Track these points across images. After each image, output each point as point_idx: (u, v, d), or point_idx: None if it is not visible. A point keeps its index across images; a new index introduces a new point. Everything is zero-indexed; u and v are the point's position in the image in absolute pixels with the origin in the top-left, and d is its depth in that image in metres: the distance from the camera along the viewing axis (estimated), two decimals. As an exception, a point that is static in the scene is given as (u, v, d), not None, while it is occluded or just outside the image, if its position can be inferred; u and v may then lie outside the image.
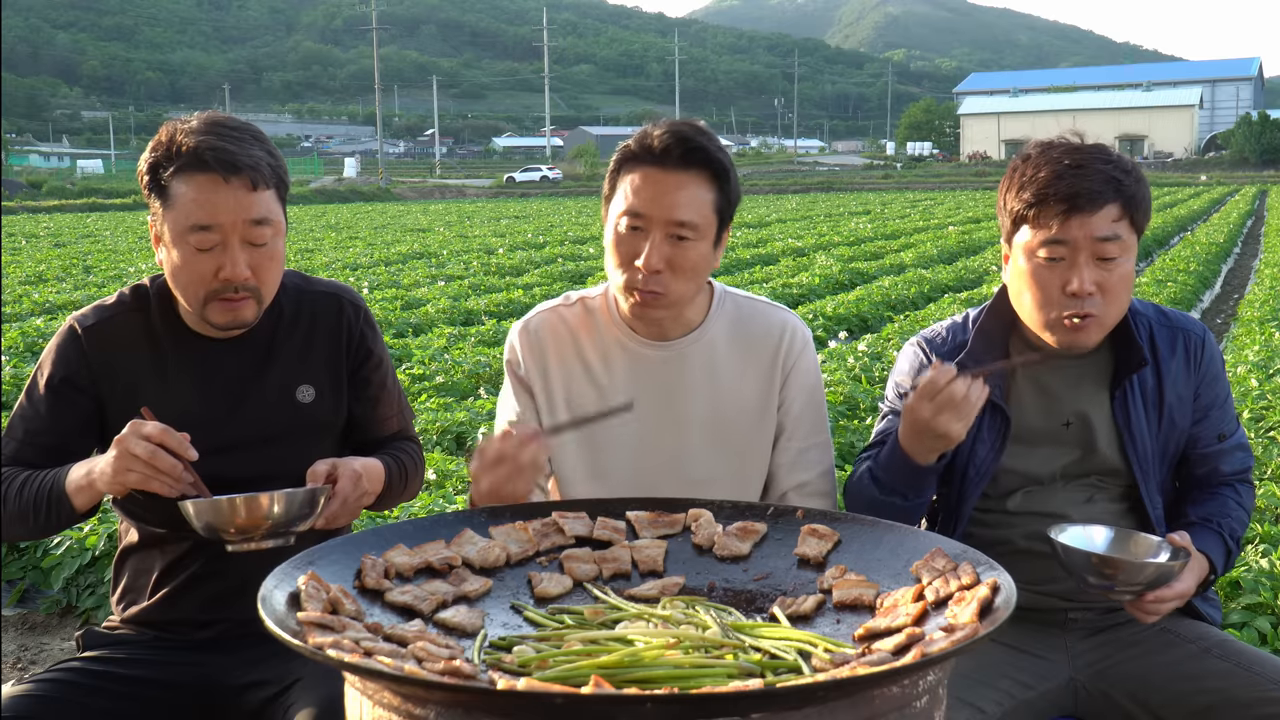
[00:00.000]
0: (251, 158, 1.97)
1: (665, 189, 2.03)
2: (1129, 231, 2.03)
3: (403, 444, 2.27)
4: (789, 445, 2.22)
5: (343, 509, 1.96)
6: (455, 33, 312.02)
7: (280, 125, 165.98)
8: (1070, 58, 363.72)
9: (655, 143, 2.05)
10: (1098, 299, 2.03)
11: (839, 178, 69.20)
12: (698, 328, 2.19)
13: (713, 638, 1.33)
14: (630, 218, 2.04)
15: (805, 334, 2.25)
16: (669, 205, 2.02)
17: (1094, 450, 2.14)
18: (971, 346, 2.19)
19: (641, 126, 2.13)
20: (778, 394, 2.21)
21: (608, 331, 2.19)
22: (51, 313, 11.64)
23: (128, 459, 1.84)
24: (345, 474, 1.96)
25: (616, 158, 2.11)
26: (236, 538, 1.78)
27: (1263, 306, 10.28)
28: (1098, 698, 2.11)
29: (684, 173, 2.04)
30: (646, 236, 2.04)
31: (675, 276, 2.05)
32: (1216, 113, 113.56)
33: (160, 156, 1.98)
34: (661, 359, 2.17)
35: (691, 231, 2.04)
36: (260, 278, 2.02)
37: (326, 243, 23.26)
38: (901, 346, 2.33)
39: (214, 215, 1.95)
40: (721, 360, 2.19)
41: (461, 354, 8.27)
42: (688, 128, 2.08)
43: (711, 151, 2.05)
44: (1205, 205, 32.77)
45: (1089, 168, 2.01)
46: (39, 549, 4.37)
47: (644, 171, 2.05)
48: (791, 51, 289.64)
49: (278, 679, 2.05)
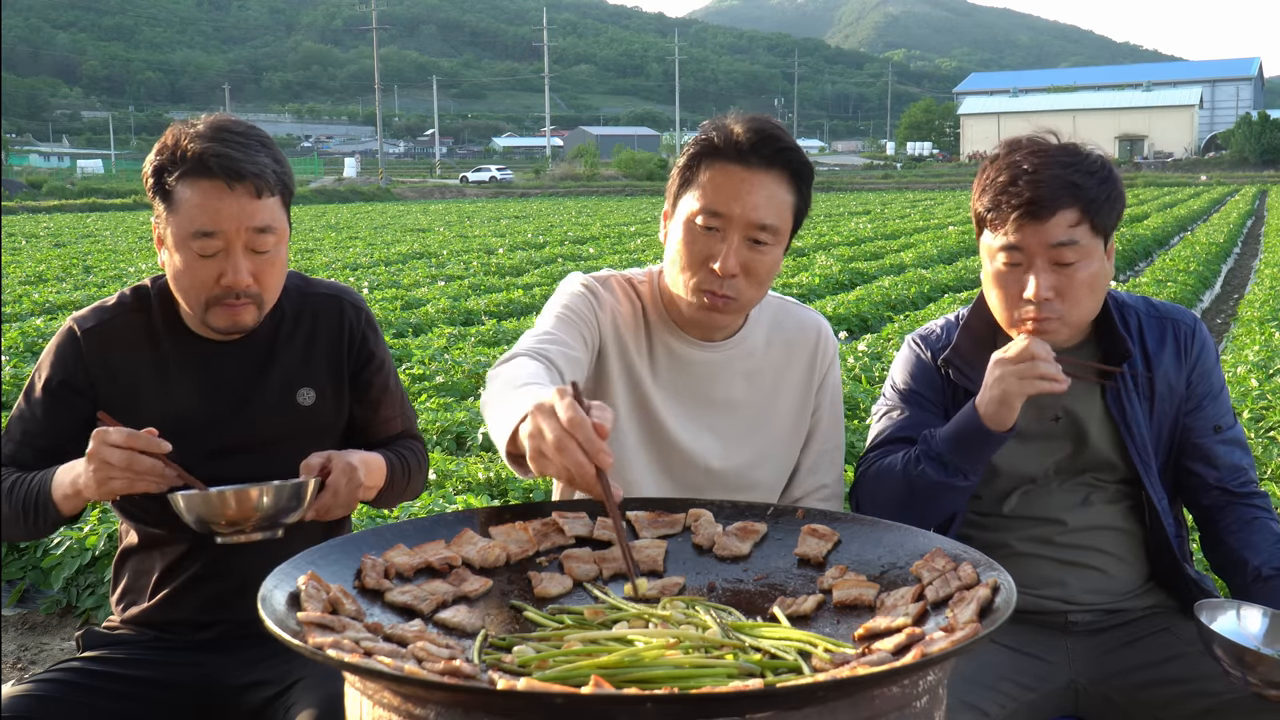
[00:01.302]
0: (257, 165, 1.96)
1: (750, 188, 1.92)
2: (1089, 235, 2.00)
3: (406, 442, 2.27)
4: (813, 447, 2.21)
5: (334, 501, 1.95)
6: (455, 33, 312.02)
7: (280, 125, 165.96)
8: (1070, 58, 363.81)
9: (740, 138, 1.93)
10: (1056, 304, 2.02)
11: (839, 178, 69.17)
12: (740, 330, 2.12)
13: (713, 638, 1.33)
14: (707, 215, 1.93)
15: (832, 337, 2.24)
16: (751, 205, 1.92)
17: (1085, 444, 2.14)
18: (957, 343, 2.19)
19: (717, 121, 1.98)
20: (814, 397, 2.18)
21: (655, 323, 2.10)
22: (51, 313, 11.64)
23: (106, 469, 1.83)
24: (338, 466, 1.96)
25: (693, 150, 1.97)
26: (227, 529, 1.80)
27: (1263, 306, 10.29)
28: (1098, 699, 2.11)
29: (768, 172, 1.93)
30: (723, 238, 1.93)
31: (749, 282, 1.96)
32: (1216, 113, 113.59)
33: (165, 160, 1.97)
34: (705, 360, 2.09)
35: (770, 235, 1.95)
36: (262, 284, 2.02)
37: (326, 243, 23.26)
38: (901, 346, 2.33)
39: (217, 222, 1.95)
40: (762, 363, 2.13)
41: (461, 354, 8.27)
42: (771, 125, 1.96)
43: (797, 151, 1.97)
44: (1205, 205, 32.78)
45: (1043, 173, 1.98)
46: (39, 549, 4.37)
47: (726, 167, 1.93)
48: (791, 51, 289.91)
49: (278, 679, 2.06)
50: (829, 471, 2.22)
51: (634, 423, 2.08)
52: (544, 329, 1.98)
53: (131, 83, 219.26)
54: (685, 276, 1.98)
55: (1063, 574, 2.15)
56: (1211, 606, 1.82)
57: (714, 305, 1.98)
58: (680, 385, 2.09)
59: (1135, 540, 2.16)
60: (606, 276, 2.11)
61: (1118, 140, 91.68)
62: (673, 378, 2.09)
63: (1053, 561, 2.15)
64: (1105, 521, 2.15)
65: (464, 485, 4.94)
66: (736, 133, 1.93)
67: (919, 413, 2.18)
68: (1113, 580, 2.16)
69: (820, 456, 2.21)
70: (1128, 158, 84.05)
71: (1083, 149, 2.06)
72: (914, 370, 2.23)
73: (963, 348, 2.19)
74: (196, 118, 2.05)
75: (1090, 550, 2.15)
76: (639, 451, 2.09)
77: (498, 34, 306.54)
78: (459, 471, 5.12)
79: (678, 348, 2.09)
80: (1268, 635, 1.79)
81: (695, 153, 1.97)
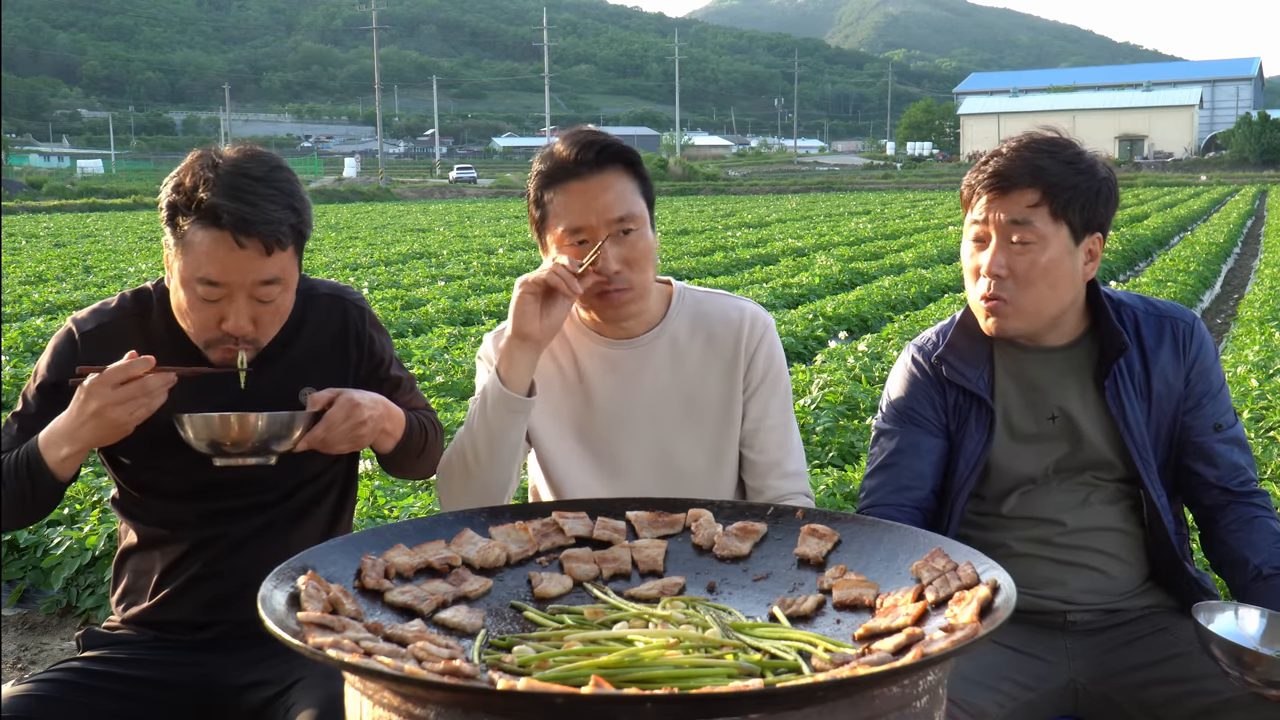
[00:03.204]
0: (270, 222, 1.93)
1: (594, 194, 2.09)
2: (1047, 219, 2.02)
3: (425, 413, 2.28)
4: (759, 427, 2.25)
5: (330, 434, 1.98)
6: (455, 33, 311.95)
7: (280, 125, 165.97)
8: (1070, 58, 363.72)
9: (566, 156, 2.11)
10: (1009, 283, 2.05)
11: (839, 178, 69.21)
12: (659, 324, 2.24)
13: (713, 638, 1.33)
14: (572, 234, 2.10)
15: (766, 319, 2.29)
16: (605, 207, 2.09)
17: (1082, 443, 2.14)
18: (952, 339, 2.20)
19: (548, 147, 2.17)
20: (742, 378, 2.24)
21: (575, 337, 2.25)
22: (51, 313, 11.64)
23: (123, 407, 1.87)
24: (340, 402, 2.00)
25: (536, 185, 2.14)
26: (232, 449, 1.90)
27: (1263, 306, 10.28)
28: (1098, 699, 2.11)
29: (602, 173, 2.11)
30: (596, 242, 2.09)
31: (634, 270, 2.13)
32: (1216, 113, 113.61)
33: (181, 202, 1.95)
34: (628, 356, 2.23)
35: (633, 222, 2.11)
36: (260, 329, 2.03)
37: (326, 243, 23.26)
38: (902, 347, 2.33)
39: (223, 274, 1.95)
40: (684, 352, 2.24)
41: (461, 354, 8.27)
42: (587, 133, 2.15)
43: (617, 143, 2.13)
44: (1205, 205, 32.78)
45: (1016, 154, 2.04)
46: (39, 549, 4.37)
47: (567, 186, 2.10)
48: (791, 51, 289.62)
49: (278, 679, 2.06)
50: (779, 448, 2.25)
51: (571, 425, 2.23)
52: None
53: (131, 83, 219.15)
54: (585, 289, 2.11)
55: (1062, 574, 2.15)
56: (1209, 608, 1.82)
57: (612, 301, 2.14)
58: (611, 381, 2.23)
59: (1135, 540, 2.16)
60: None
61: (1118, 140, 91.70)
62: (604, 376, 2.23)
63: (1052, 562, 2.15)
64: (1104, 522, 2.15)
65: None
66: (561, 153, 2.12)
67: (912, 435, 2.20)
68: (1112, 580, 2.16)
69: (768, 433, 2.24)
70: (1128, 158, 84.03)
71: (1071, 143, 2.08)
72: (909, 386, 2.24)
73: (956, 343, 2.20)
74: (223, 147, 2.02)
75: (1089, 550, 2.15)
76: (577, 448, 2.24)
77: (498, 34, 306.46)
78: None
79: (601, 349, 2.23)
80: (1265, 635, 1.80)
81: (538, 186, 2.14)
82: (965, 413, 2.17)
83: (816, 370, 7.17)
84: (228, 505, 2.13)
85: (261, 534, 2.14)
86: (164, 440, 1.99)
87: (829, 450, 5.49)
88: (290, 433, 1.93)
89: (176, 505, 2.14)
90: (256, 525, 2.14)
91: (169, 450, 2.01)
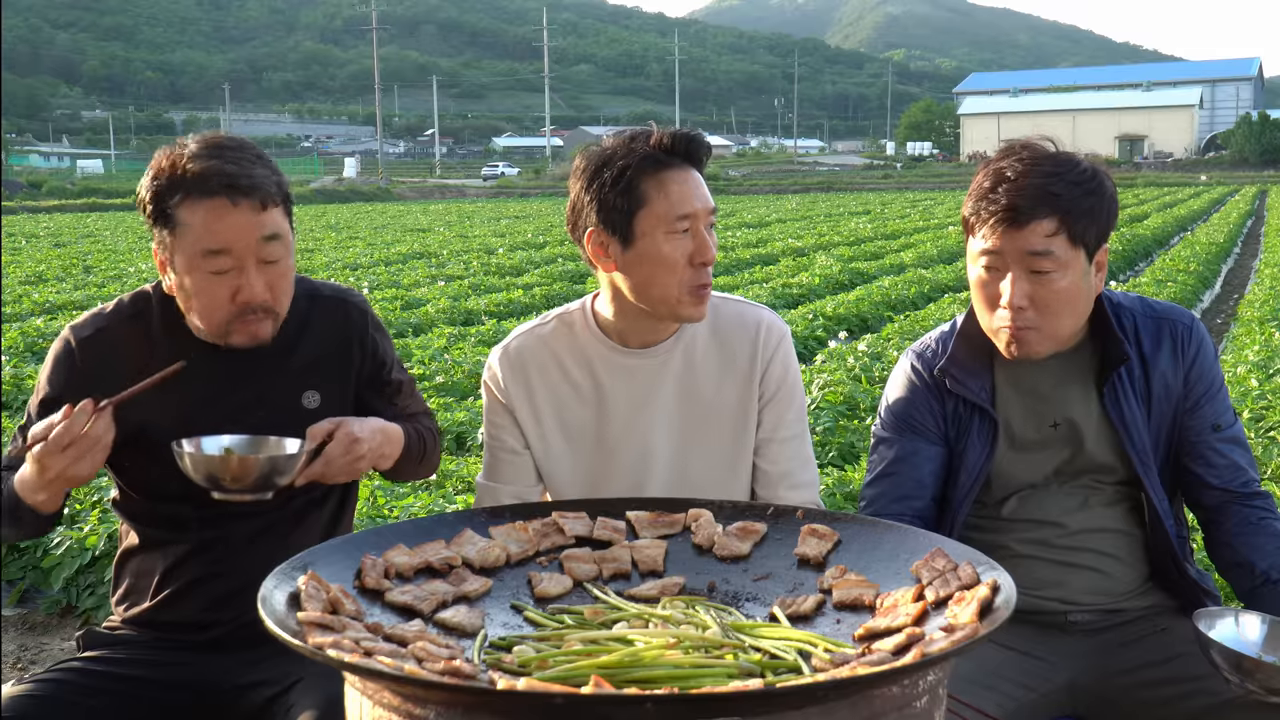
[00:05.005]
0: (256, 178, 1.95)
1: (696, 182, 2.09)
2: (1066, 246, 1.98)
3: (423, 419, 2.28)
4: (772, 437, 2.24)
5: (328, 469, 1.96)
6: (455, 33, 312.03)
7: (280, 125, 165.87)
8: (1070, 58, 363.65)
9: (668, 143, 2.07)
10: (1031, 313, 2.01)
11: (839, 178, 69.19)
12: (676, 332, 2.22)
13: (713, 638, 1.33)
14: (678, 220, 2.06)
15: (782, 329, 2.27)
16: (704, 196, 2.09)
17: (1083, 448, 2.13)
18: (953, 351, 2.18)
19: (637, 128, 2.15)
20: (757, 388, 2.23)
21: (589, 345, 2.22)
22: (51, 313, 11.63)
23: (80, 463, 1.83)
24: (339, 437, 1.97)
25: (628, 169, 2.06)
26: (232, 486, 1.85)
27: (1263, 306, 10.28)
28: (1098, 699, 2.11)
29: (691, 169, 2.10)
30: (707, 229, 2.09)
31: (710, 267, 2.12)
32: (1216, 113, 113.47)
33: (164, 185, 1.95)
34: (644, 365, 2.20)
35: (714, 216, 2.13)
36: (275, 296, 2.02)
37: (326, 243, 23.27)
38: (902, 347, 2.33)
39: (227, 239, 1.94)
40: (700, 361, 2.22)
41: (461, 354, 8.27)
42: (687, 131, 2.14)
43: (702, 140, 2.13)
44: (1205, 205, 32.76)
45: (1024, 180, 1.97)
46: (39, 549, 4.37)
47: (679, 169, 2.08)
48: (791, 51, 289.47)
49: (278, 679, 2.05)
50: (792, 459, 2.24)
51: (585, 436, 2.22)
52: (489, 470, 2.28)
53: (131, 83, 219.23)
54: (672, 286, 2.07)
55: (1062, 575, 2.15)
56: (1210, 614, 1.82)
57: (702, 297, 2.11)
58: (627, 390, 2.20)
59: (1135, 541, 2.16)
60: (509, 344, 2.25)
61: (1118, 140, 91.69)
62: (619, 385, 2.20)
63: (1052, 563, 2.15)
64: (1104, 523, 2.15)
65: (464, 485, 4.94)
66: (661, 141, 2.08)
67: (911, 443, 2.19)
68: (1112, 581, 2.16)
69: (781, 445, 2.23)
70: (1128, 158, 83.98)
71: (1073, 158, 2.04)
72: (909, 394, 2.22)
73: (959, 355, 2.18)
74: (185, 138, 2.04)
75: (1089, 551, 2.15)
76: (590, 457, 2.22)
77: (498, 34, 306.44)
78: (459, 471, 5.12)
79: (616, 358, 2.20)
80: (1266, 642, 1.79)
81: (633, 172, 2.05)
82: (966, 422, 2.17)
83: (816, 370, 7.17)
84: (229, 507, 2.12)
85: (262, 535, 2.14)
86: (161, 450, 1.98)
87: (829, 450, 5.50)
88: (290, 469, 1.89)
89: (177, 507, 2.13)
90: (257, 527, 2.14)
91: (167, 456, 2.01)
